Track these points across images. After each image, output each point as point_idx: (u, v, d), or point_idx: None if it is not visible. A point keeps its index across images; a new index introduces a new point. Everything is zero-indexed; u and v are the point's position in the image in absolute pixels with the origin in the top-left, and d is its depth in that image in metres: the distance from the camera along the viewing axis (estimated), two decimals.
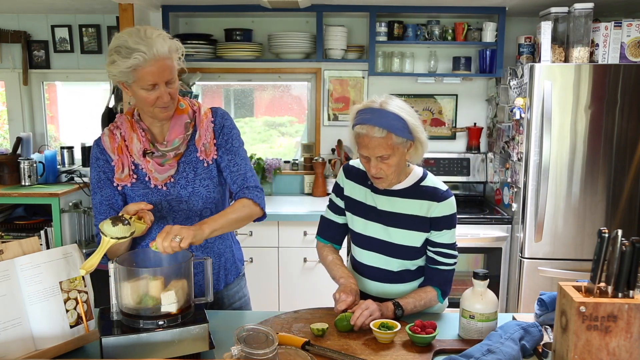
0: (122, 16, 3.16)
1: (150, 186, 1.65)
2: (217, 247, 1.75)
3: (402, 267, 1.74)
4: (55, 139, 4.05)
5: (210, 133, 1.69)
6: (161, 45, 1.48)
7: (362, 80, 3.70)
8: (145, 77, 1.49)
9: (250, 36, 3.59)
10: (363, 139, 1.60)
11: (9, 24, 3.71)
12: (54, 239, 3.34)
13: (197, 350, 1.37)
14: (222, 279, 1.78)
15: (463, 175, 3.66)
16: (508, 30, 3.50)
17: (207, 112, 1.70)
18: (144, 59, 1.46)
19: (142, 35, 1.48)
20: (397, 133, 1.57)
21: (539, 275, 3.06)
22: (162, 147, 1.63)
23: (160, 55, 1.48)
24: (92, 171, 1.67)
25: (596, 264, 1.17)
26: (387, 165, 1.61)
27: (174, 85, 1.55)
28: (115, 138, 1.64)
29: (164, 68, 1.50)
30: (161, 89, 1.52)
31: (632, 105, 2.95)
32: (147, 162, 1.63)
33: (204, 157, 1.67)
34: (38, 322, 1.37)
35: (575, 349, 1.14)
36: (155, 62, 1.48)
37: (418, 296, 1.67)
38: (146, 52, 1.46)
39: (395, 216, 1.71)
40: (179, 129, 1.64)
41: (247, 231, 3.17)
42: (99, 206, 1.66)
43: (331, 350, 1.41)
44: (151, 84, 1.50)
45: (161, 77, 1.50)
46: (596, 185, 3.01)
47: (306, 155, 3.78)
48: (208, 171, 1.69)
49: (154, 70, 1.48)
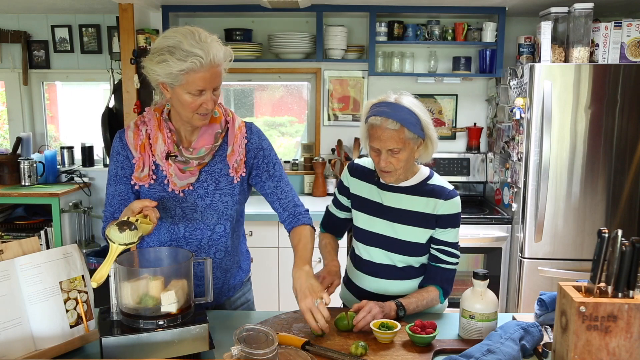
0: (122, 16, 3.16)
1: (168, 190, 1.59)
2: (225, 264, 1.71)
3: (405, 263, 1.74)
4: (55, 139, 4.05)
5: (243, 150, 1.63)
6: (217, 51, 1.44)
7: (362, 80, 3.70)
8: (196, 82, 1.43)
9: (250, 36, 3.59)
10: (376, 131, 1.61)
11: (9, 24, 3.71)
12: (54, 239, 3.34)
13: (197, 350, 1.36)
14: (224, 293, 1.76)
15: (463, 175, 3.66)
16: (508, 30, 3.50)
17: (241, 127, 1.64)
18: (200, 64, 1.41)
19: (197, 38, 1.42)
20: (410, 128, 1.58)
21: (539, 275, 3.06)
22: (187, 154, 1.57)
23: (216, 62, 1.44)
24: (112, 163, 1.63)
25: (596, 264, 1.17)
26: (397, 160, 1.62)
27: (218, 92, 1.51)
28: (140, 135, 1.58)
29: (216, 75, 1.46)
30: (207, 95, 1.47)
31: (632, 105, 2.95)
32: (168, 166, 1.57)
33: (234, 174, 1.62)
34: (38, 322, 1.37)
35: (575, 349, 1.14)
36: (210, 68, 1.43)
37: (420, 296, 1.68)
38: (203, 58, 1.40)
39: (401, 212, 1.72)
40: (209, 138, 1.58)
41: (247, 231, 3.15)
42: (111, 198, 1.63)
43: (331, 350, 1.41)
44: (199, 90, 1.45)
45: (211, 83, 1.46)
46: (596, 185, 3.01)
47: (306, 155, 3.79)
48: (231, 188, 1.63)
49: (207, 76, 1.43)
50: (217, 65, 1.45)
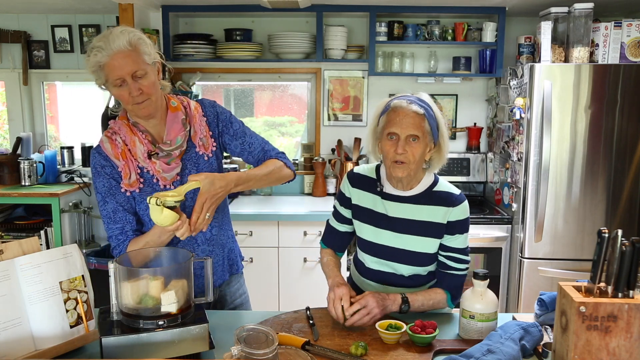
0: (122, 16, 3.16)
1: (159, 188, 1.64)
2: (220, 239, 1.78)
3: (413, 272, 1.72)
4: (55, 139, 4.05)
5: (205, 126, 1.70)
6: (119, 39, 1.49)
7: (362, 80, 3.70)
8: (110, 73, 1.50)
9: (250, 36, 3.59)
10: (398, 114, 1.59)
11: (9, 24, 3.71)
12: (54, 239, 3.34)
13: (197, 350, 1.36)
14: (226, 270, 1.81)
15: (463, 175, 3.66)
16: (508, 30, 3.50)
17: (196, 107, 1.72)
18: (102, 55, 1.48)
19: (106, 33, 1.51)
20: (430, 121, 1.60)
21: (539, 275, 3.06)
22: (167, 147, 1.63)
23: (118, 49, 1.48)
24: (99, 180, 1.63)
25: (596, 264, 1.17)
26: (414, 150, 1.59)
27: (144, 80, 1.54)
28: (116, 143, 1.63)
29: (126, 61, 1.49)
30: (129, 84, 1.52)
31: (632, 105, 2.95)
32: (153, 164, 1.62)
33: (204, 151, 1.69)
34: (38, 322, 1.37)
35: (575, 349, 1.14)
36: (115, 56, 1.48)
37: (428, 295, 1.65)
38: (104, 47, 1.48)
39: (408, 223, 1.68)
40: (178, 126, 1.65)
41: (247, 231, 3.17)
42: (114, 214, 1.63)
43: (331, 350, 1.41)
44: (118, 79, 1.51)
45: (124, 70, 1.49)
46: (596, 185, 3.01)
47: (306, 155, 3.79)
48: (209, 164, 1.71)
49: (115, 64, 1.49)
50: (123, 52, 1.49)
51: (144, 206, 1.65)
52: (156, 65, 1.59)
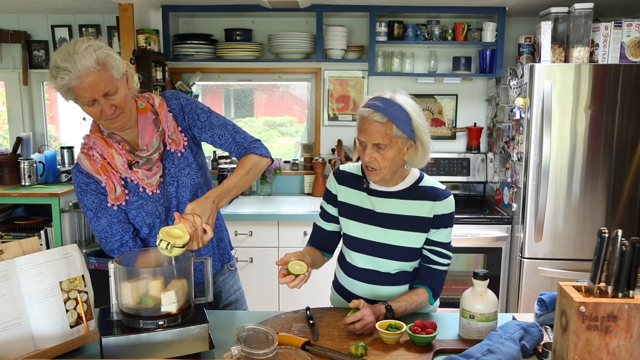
0: (122, 16, 3.16)
1: (146, 195, 1.62)
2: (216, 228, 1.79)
3: (399, 269, 1.72)
4: (55, 139, 4.05)
5: (172, 122, 1.65)
6: (85, 59, 1.40)
7: (362, 80, 3.70)
8: (81, 94, 1.43)
9: (250, 36, 3.59)
10: (364, 123, 1.60)
11: (9, 24, 3.71)
12: (54, 239, 3.34)
13: (197, 350, 1.37)
14: (217, 259, 1.83)
15: (463, 175, 3.66)
16: (508, 30, 3.50)
17: (161, 103, 1.65)
18: (70, 78, 1.40)
19: (70, 50, 1.41)
20: (399, 125, 1.56)
21: (539, 275, 3.06)
22: (144, 153, 1.59)
23: (86, 70, 1.40)
24: (87, 198, 1.60)
25: (596, 264, 1.17)
26: (382, 157, 1.59)
27: (116, 96, 1.48)
28: (94, 159, 1.59)
29: (95, 82, 1.42)
30: (101, 102, 1.46)
31: (632, 105, 2.95)
32: (135, 173, 1.60)
33: (175, 148, 1.66)
34: (38, 322, 1.37)
35: (575, 349, 1.14)
36: (84, 78, 1.41)
37: (410, 299, 1.66)
38: (71, 70, 1.39)
39: (394, 218, 1.69)
40: (150, 128, 1.60)
41: (247, 231, 3.17)
42: (110, 228, 1.62)
43: (331, 350, 1.41)
44: (89, 100, 1.45)
45: (94, 91, 1.43)
46: (596, 185, 3.01)
47: (306, 155, 3.79)
48: (184, 159, 1.67)
49: (84, 86, 1.41)
50: (92, 73, 1.41)
51: (134, 213, 1.64)
52: (125, 76, 1.53)
